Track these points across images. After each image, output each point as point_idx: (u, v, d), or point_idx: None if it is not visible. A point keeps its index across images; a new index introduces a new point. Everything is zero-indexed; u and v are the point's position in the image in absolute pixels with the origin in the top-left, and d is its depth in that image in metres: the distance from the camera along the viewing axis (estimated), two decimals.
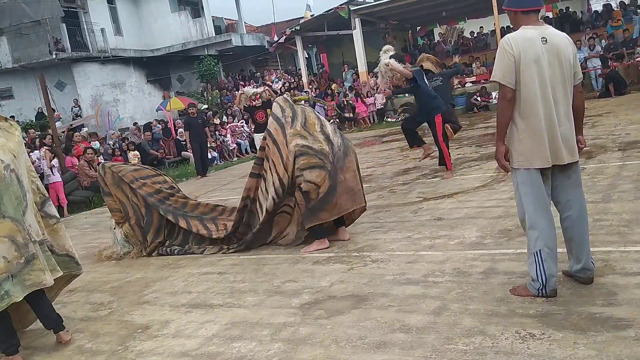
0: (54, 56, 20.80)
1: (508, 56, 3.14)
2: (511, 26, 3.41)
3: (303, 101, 5.61)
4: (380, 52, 8.03)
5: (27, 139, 12.67)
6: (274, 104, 5.64)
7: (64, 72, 21.54)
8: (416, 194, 6.87)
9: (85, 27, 22.25)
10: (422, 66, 8.95)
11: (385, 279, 4.04)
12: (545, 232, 3.20)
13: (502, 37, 14.06)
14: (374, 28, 22.34)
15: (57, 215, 4.06)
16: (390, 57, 7.79)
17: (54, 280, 3.70)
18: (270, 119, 5.48)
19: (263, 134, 7.46)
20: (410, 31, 25.52)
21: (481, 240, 4.61)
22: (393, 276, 4.08)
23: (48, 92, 11.17)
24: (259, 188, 5.49)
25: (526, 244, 3.38)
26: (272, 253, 5.37)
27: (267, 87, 12.95)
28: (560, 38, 3.23)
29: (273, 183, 5.26)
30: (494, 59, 3.32)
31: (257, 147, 11.62)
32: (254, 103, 11.59)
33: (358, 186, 5.32)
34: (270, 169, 5.29)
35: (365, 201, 5.48)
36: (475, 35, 23.23)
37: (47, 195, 4.06)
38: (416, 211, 6.00)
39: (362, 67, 20.59)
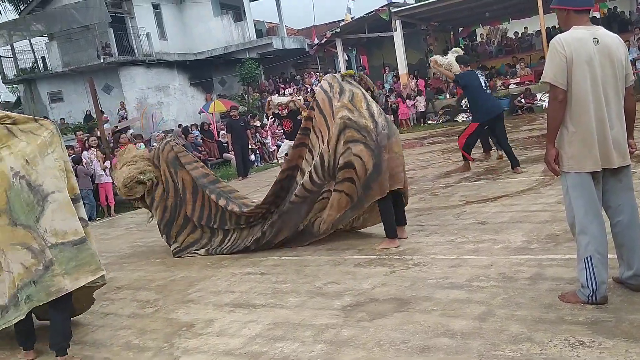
0: (102, 60, 21.44)
1: (560, 56, 3.06)
2: (557, 26, 3.34)
3: (349, 75, 5.65)
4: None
5: (77, 141, 13.10)
6: (323, 80, 5.75)
7: (111, 75, 22.17)
8: (459, 197, 6.77)
9: (131, 32, 22.85)
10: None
11: (428, 283, 4.00)
12: (596, 238, 3.11)
13: (547, 37, 13.80)
14: (414, 30, 22.17)
15: (86, 218, 3.99)
16: (456, 58, 7.86)
17: (83, 285, 3.63)
18: (318, 90, 5.60)
19: (292, 141, 7.64)
20: (452, 32, 25.21)
21: (527, 245, 4.51)
22: (436, 280, 4.03)
23: (97, 97, 11.51)
24: (304, 157, 5.58)
25: (575, 249, 3.29)
26: (313, 254, 5.38)
27: (294, 98, 12.94)
28: (612, 39, 3.14)
29: (320, 152, 5.36)
30: (539, 59, 3.26)
31: (281, 151, 11.75)
32: (281, 112, 11.67)
33: (399, 168, 5.28)
34: (317, 139, 5.43)
35: (405, 186, 5.44)
36: (519, 35, 22.76)
37: (80, 195, 3.95)
38: (459, 214, 5.92)
39: (402, 69, 20.46)
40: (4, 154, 3.48)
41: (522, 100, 16.86)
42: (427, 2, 19.46)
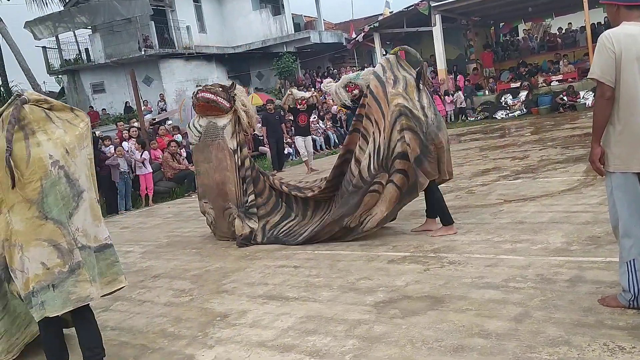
0: (143, 52, 21.87)
1: (608, 52, 2.95)
2: (603, 22, 3.23)
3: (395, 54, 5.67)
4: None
5: (117, 132, 13.40)
6: (378, 64, 5.76)
7: (151, 67, 22.58)
8: (496, 196, 6.65)
9: (172, 25, 23.23)
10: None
11: (463, 282, 3.95)
12: None
13: (592, 33, 13.37)
14: (454, 24, 21.83)
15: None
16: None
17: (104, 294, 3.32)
18: (372, 77, 5.57)
19: (303, 137, 7.81)
20: (492, 28, 24.73)
21: (567, 246, 4.39)
22: (471, 279, 3.97)
23: (138, 88, 11.74)
24: (357, 143, 5.59)
25: (617, 252, 3.19)
26: (346, 249, 5.38)
27: (314, 93, 12.94)
28: None
29: (374, 141, 5.39)
30: (583, 56, 3.16)
31: (299, 149, 11.64)
32: (299, 106, 11.63)
33: (444, 163, 5.36)
34: (372, 126, 5.43)
35: (451, 175, 5.54)
36: (563, 31, 22.16)
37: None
38: (496, 213, 5.81)
39: (441, 64, 20.19)
40: (42, 138, 3.11)
41: (565, 97, 16.43)
42: None
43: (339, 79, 6.71)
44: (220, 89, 6.55)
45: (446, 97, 18.81)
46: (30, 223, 3.05)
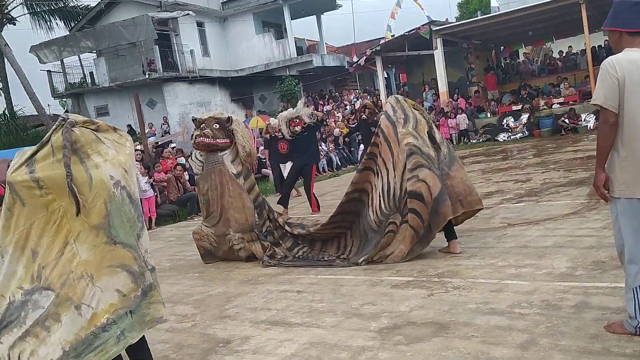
0: (147, 76, 22.06)
1: (612, 79, 2.96)
2: (603, 45, 3.26)
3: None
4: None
5: None
6: (387, 103, 5.82)
7: (155, 91, 22.77)
8: (500, 219, 6.63)
9: (176, 49, 23.48)
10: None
11: (468, 308, 3.91)
12: None
13: (593, 56, 13.45)
14: (455, 48, 22.02)
15: None
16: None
17: None
18: (382, 117, 5.66)
19: (283, 164, 8.08)
20: (493, 51, 24.94)
21: (572, 271, 4.36)
22: (476, 305, 3.94)
23: (141, 111, 11.83)
24: (371, 182, 5.64)
25: (623, 277, 3.17)
26: (349, 274, 5.35)
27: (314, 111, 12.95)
28: None
29: (382, 179, 5.47)
30: (585, 78, 3.19)
31: (286, 176, 11.61)
32: (278, 134, 11.34)
33: (465, 194, 5.39)
34: (381, 165, 5.51)
35: (480, 203, 5.59)
36: (563, 54, 22.33)
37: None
38: (500, 237, 5.79)
39: (442, 87, 20.32)
40: (98, 160, 2.97)
41: (566, 120, 16.48)
42: (468, 20, 19.33)
43: (339, 102, 6.82)
44: (217, 126, 6.56)
45: (448, 119, 18.89)
46: (99, 250, 2.88)
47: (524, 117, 17.83)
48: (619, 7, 3.10)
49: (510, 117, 18.29)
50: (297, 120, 9.42)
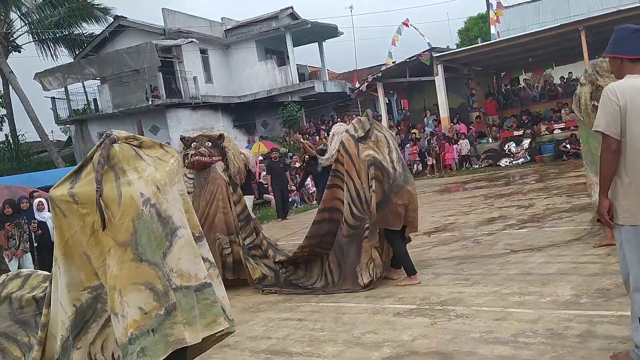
0: (150, 102, 22.21)
1: (613, 105, 2.96)
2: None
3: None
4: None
5: None
6: (350, 123, 6.15)
7: (158, 117, 22.91)
8: (502, 246, 6.58)
9: (179, 76, 23.69)
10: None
11: (472, 337, 3.85)
12: None
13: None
14: (456, 74, 22.20)
15: (211, 258, 3.36)
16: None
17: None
18: (345, 134, 5.93)
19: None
20: (494, 77, 25.13)
21: (576, 299, 4.30)
22: (480, 334, 3.88)
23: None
24: (338, 198, 5.85)
25: (628, 305, 3.12)
26: (351, 301, 5.29)
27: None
28: None
29: (349, 190, 5.71)
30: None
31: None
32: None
33: (409, 214, 5.66)
34: (347, 177, 5.74)
35: (415, 228, 5.82)
36: (564, 80, 22.48)
37: (203, 234, 3.38)
38: (503, 264, 5.73)
39: (443, 112, 20.41)
40: (132, 177, 2.99)
41: (568, 145, 16.50)
42: (468, 47, 19.52)
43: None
44: (209, 144, 6.68)
45: (454, 145, 18.92)
46: (126, 267, 2.90)
47: (526, 143, 17.87)
48: (620, 34, 3.12)
49: (512, 143, 18.32)
50: None
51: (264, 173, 16.73)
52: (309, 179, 17.42)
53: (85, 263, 2.98)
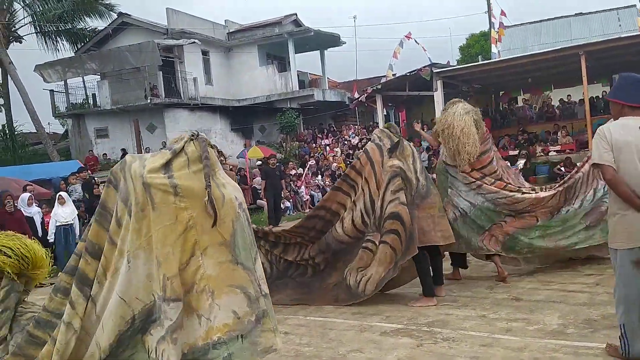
0: (149, 101, 22.19)
1: (604, 142, 3.21)
2: (601, 97, 3.59)
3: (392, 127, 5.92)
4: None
5: None
6: (373, 134, 5.92)
7: (156, 115, 22.88)
8: (492, 268, 6.55)
9: (179, 76, 23.71)
10: None
11: None
12: None
13: (590, 107, 13.70)
14: (455, 90, 22.29)
15: None
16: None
17: None
18: (370, 144, 5.75)
19: None
20: (492, 95, 25.25)
21: (563, 329, 4.31)
22: (466, 359, 3.88)
23: (140, 135, 11.87)
24: (341, 203, 5.69)
25: (613, 338, 3.16)
26: (339, 317, 5.28)
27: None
28: None
29: (363, 197, 5.52)
30: (584, 127, 3.53)
31: None
32: None
33: (430, 227, 5.42)
34: (362, 185, 5.56)
35: (444, 239, 5.49)
36: (565, 102, 22.62)
37: None
38: (492, 287, 5.74)
39: None
40: (223, 180, 3.00)
41: (562, 168, 16.59)
42: (469, 65, 19.62)
43: (338, 136, 6.82)
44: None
45: None
46: (224, 267, 2.87)
47: (520, 163, 17.92)
48: (623, 81, 3.36)
49: (506, 162, 18.37)
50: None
51: (259, 178, 16.75)
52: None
53: (156, 269, 2.82)
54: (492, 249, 5.89)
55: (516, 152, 18.58)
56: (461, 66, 20.26)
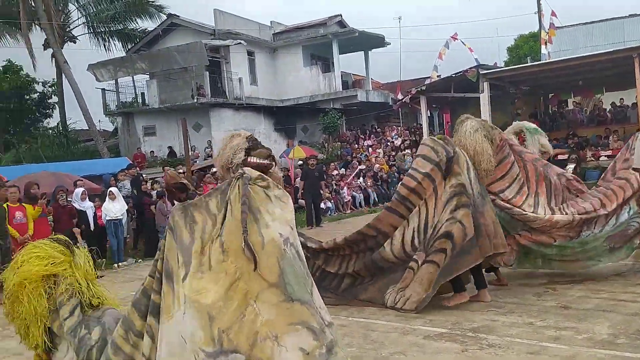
0: (195, 100, 22.65)
1: None
2: None
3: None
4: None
5: (163, 177, 13.76)
6: (422, 146, 5.75)
7: (201, 115, 23.31)
8: (540, 275, 6.43)
9: (225, 76, 24.10)
10: None
11: None
12: None
13: None
14: (502, 92, 21.87)
15: None
16: None
17: None
18: (422, 160, 5.56)
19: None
20: (541, 98, 24.64)
21: (614, 339, 4.19)
22: None
23: (187, 134, 12.12)
24: (394, 225, 5.59)
25: None
26: (381, 319, 5.27)
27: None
28: None
29: (419, 217, 5.44)
30: (637, 131, 3.40)
31: None
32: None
33: (495, 234, 5.37)
34: (420, 206, 5.46)
35: (504, 247, 5.49)
36: (615, 106, 21.87)
37: None
38: (540, 294, 5.62)
39: None
40: (268, 219, 3.02)
41: None
42: (517, 66, 19.22)
43: (381, 137, 6.72)
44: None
45: None
46: (280, 308, 2.85)
47: (570, 167, 17.33)
48: None
49: (558, 170, 17.91)
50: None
51: (299, 178, 16.84)
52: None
53: (207, 324, 2.83)
54: (506, 263, 5.97)
55: (566, 157, 18.06)
56: (510, 67, 19.86)
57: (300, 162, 18.52)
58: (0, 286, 3.58)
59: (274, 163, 6.28)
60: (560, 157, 18.43)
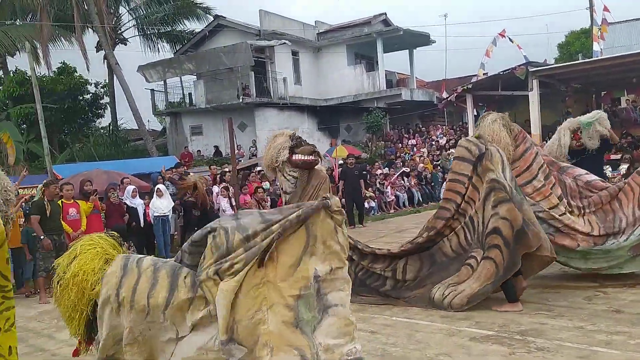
0: (241, 100, 22.98)
1: None
2: None
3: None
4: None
5: (210, 175, 14.05)
6: (458, 147, 5.86)
7: (246, 114, 23.63)
8: (591, 278, 6.24)
9: (270, 76, 24.35)
10: None
11: None
12: None
13: None
14: (552, 90, 21.27)
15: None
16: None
17: None
18: (459, 162, 5.66)
19: None
20: (593, 95, 23.84)
21: None
22: None
23: (234, 134, 12.33)
24: (448, 226, 5.67)
25: None
26: (425, 319, 5.23)
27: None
28: None
29: (470, 215, 5.49)
30: None
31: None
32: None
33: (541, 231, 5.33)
34: (464, 204, 5.55)
35: (552, 252, 5.36)
36: None
37: None
38: (591, 298, 5.46)
39: (535, 129, 19.58)
40: (319, 251, 3.18)
41: None
42: (568, 63, 18.66)
43: (425, 137, 6.71)
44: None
45: None
46: (285, 328, 3.05)
47: (623, 168, 16.79)
48: None
49: (607, 166, 17.30)
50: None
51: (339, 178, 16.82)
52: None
53: (228, 313, 3.07)
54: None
55: (619, 156, 17.44)
56: (560, 64, 19.30)
57: (341, 162, 18.50)
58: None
59: (319, 159, 6.32)
60: (613, 157, 17.85)
